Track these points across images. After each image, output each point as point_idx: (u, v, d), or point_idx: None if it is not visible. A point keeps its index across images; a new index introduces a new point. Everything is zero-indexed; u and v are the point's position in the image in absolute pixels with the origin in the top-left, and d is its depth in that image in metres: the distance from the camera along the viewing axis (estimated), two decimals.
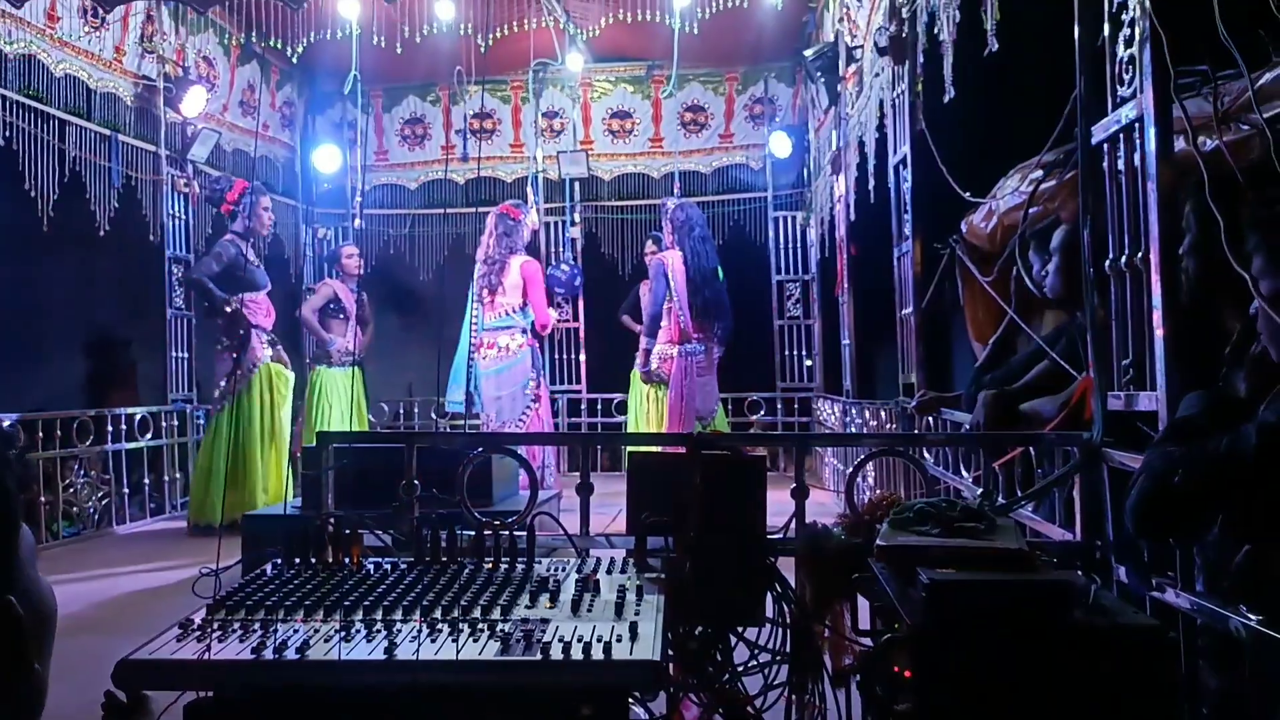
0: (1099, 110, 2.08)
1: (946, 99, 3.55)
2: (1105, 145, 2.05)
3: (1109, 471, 1.94)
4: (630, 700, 1.54)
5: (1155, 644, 1.32)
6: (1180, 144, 1.92)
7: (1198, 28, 1.98)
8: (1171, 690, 1.35)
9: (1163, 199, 1.82)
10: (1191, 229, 1.92)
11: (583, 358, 8.51)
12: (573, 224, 8.50)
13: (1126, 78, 1.94)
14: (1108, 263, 2.01)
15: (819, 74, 6.25)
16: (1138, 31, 1.87)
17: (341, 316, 6.96)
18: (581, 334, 8.53)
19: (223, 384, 5.80)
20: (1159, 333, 1.82)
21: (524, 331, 6.00)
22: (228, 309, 5.68)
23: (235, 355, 5.64)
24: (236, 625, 1.41)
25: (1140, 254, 1.89)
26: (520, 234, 6.11)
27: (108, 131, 6.02)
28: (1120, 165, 1.99)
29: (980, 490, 2.29)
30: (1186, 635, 1.68)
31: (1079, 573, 1.82)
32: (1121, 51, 1.96)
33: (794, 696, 1.92)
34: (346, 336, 6.95)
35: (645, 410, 6.19)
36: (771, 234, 8.44)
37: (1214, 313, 1.92)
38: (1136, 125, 1.90)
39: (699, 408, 5.96)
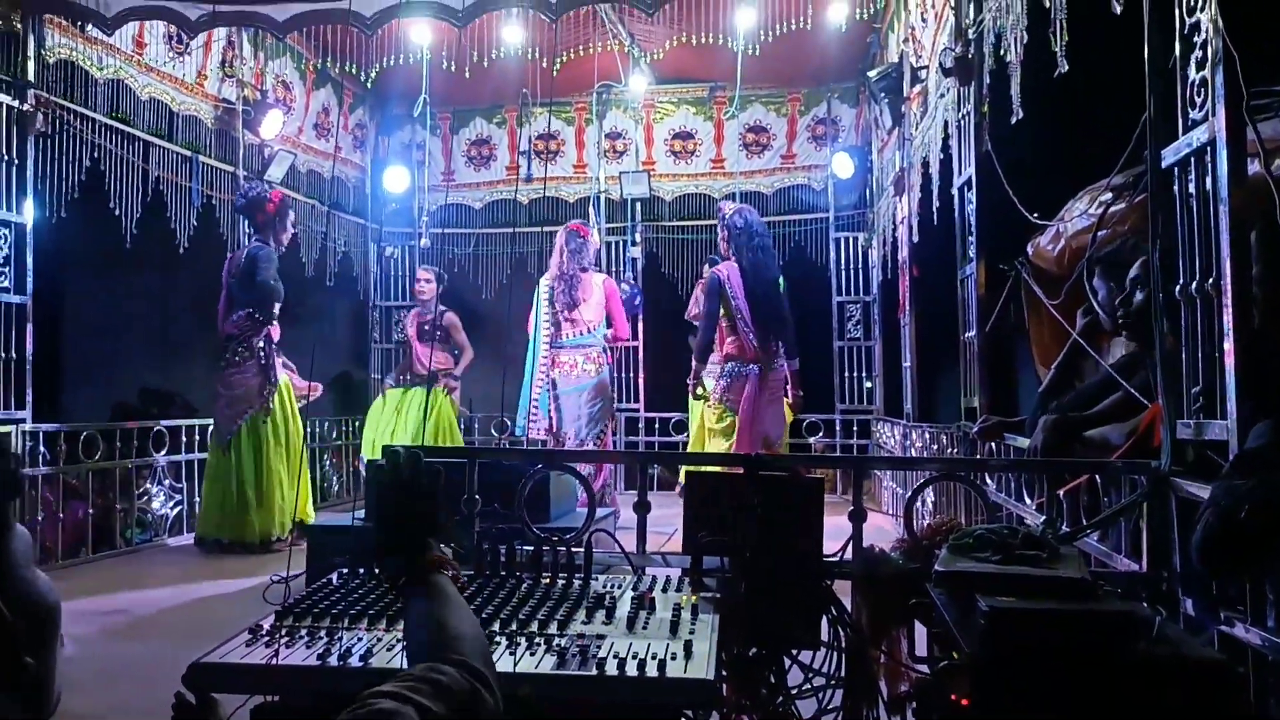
0: (1169, 133, 2.04)
1: (1014, 120, 3.50)
2: (1176, 169, 2.02)
3: (1177, 501, 1.90)
4: (683, 717, 1.55)
5: (1223, 679, 1.28)
6: (1253, 167, 1.88)
7: (1271, 48, 1.95)
8: None
9: (1234, 224, 1.78)
10: (1259, 260, 1.87)
11: (641, 377, 8.54)
12: (634, 244, 8.56)
13: (1198, 100, 1.91)
14: (1178, 288, 1.97)
15: (883, 95, 6.22)
16: (1210, 53, 1.84)
17: (425, 341, 7.14)
18: (641, 353, 8.57)
19: (240, 402, 5.55)
20: (1230, 360, 1.77)
21: (604, 350, 6.03)
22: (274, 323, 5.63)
23: (265, 370, 5.54)
24: (303, 632, 1.46)
25: (1211, 280, 1.85)
26: (589, 251, 6.16)
27: (189, 153, 6.25)
28: (1191, 189, 1.95)
29: (1044, 518, 2.25)
30: (1256, 672, 1.63)
31: (1144, 604, 1.77)
32: (1193, 73, 1.93)
33: None
34: (410, 359, 7.12)
35: (700, 435, 6.05)
36: (833, 255, 8.39)
37: None
38: (1208, 149, 1.86)
39: (766, 432, 5.57)
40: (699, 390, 5.88)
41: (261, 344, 5.58)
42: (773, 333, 5.58)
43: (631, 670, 1.32)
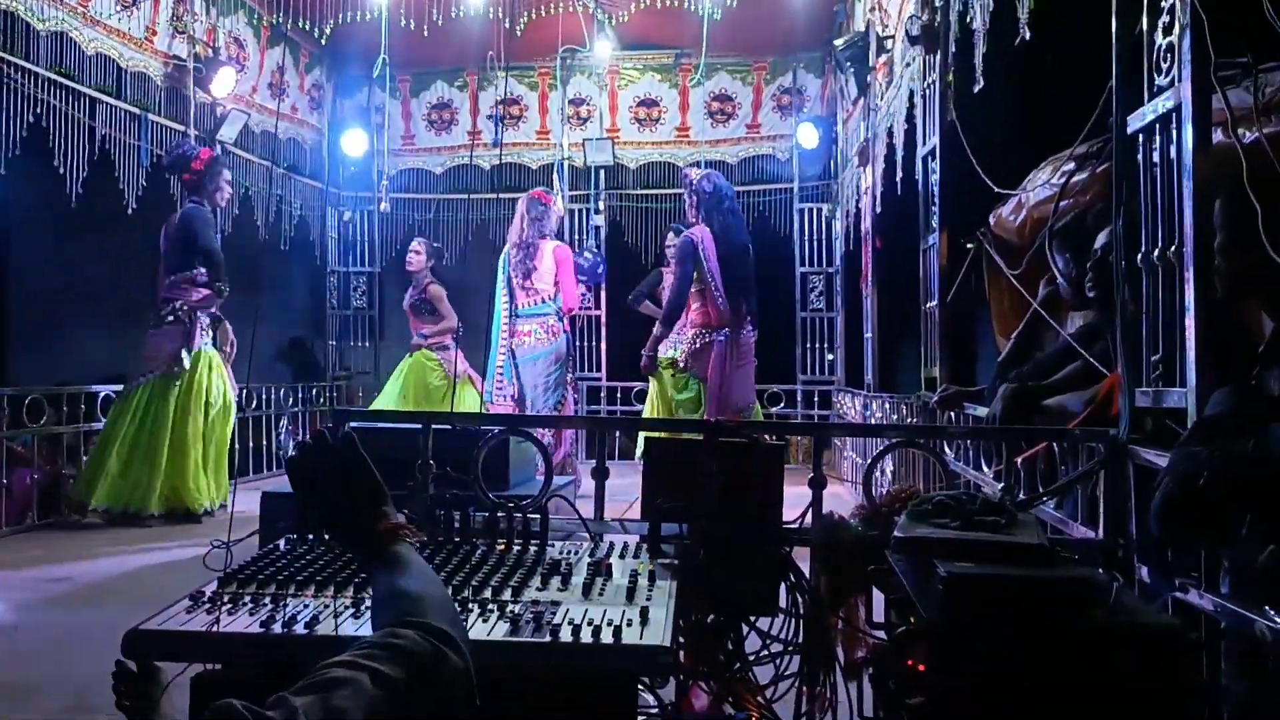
0: (1135, 100, 2.03)
1: (977, 89, 3.49)
2: (1141, 136, 2.01)
3: (1135, 469, 1.91)
4: (639, 687, 1.53)
5: (1177, 645, 1.28)
6: (1217, 136, 1.87)
7: (1237, 19, 1.94)
8: (1192, 693, 1.32)
9: (1199, 192, 1.77)
10: (1223, 228, 1.87)
11: (604, 345, 8.50)
12: (597, 212, 8.49)
13: (1164, 66, 1.90)
14: (1140, 256, 1.97)
15: (849, 64, 6.19)
16: (1178, 19, 1.83)
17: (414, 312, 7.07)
18: (603, 322, 8.52)
19: (150, 362, 5.35)
20: (1190, 328, 1.78)
21: (559, 317, 5.99)
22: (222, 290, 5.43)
23: (187, 335, 5.31)
24: (247, 599, 1.41)
25: (1174, 248, 1.85)
26: (550, 219, 6.08)
27: (138, 110, 6.05)
28: (1155, 157, 1.94)
29: (1001, 485, 2.25)
30: (1209, 637, 1.65)
31: (1100, 571, 1.78)
32: (1160, 39, 1.91)
33: (805, 688, 1.90)
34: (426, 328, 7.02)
35: (658, 404, 5.95)
36: (796, 225, 8.38)
37: (1247, 311, 1.88)
38: (1173, 115, 1.86)
39: (735, 399, 5.45)
40: (656, 360, 5.72)
41: (185, 309, 5.37)
42: (743, 298, 5.45)
43: (586, 636, 1.30)
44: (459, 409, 6.62)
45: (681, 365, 5.55)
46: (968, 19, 3.57)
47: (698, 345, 5.46)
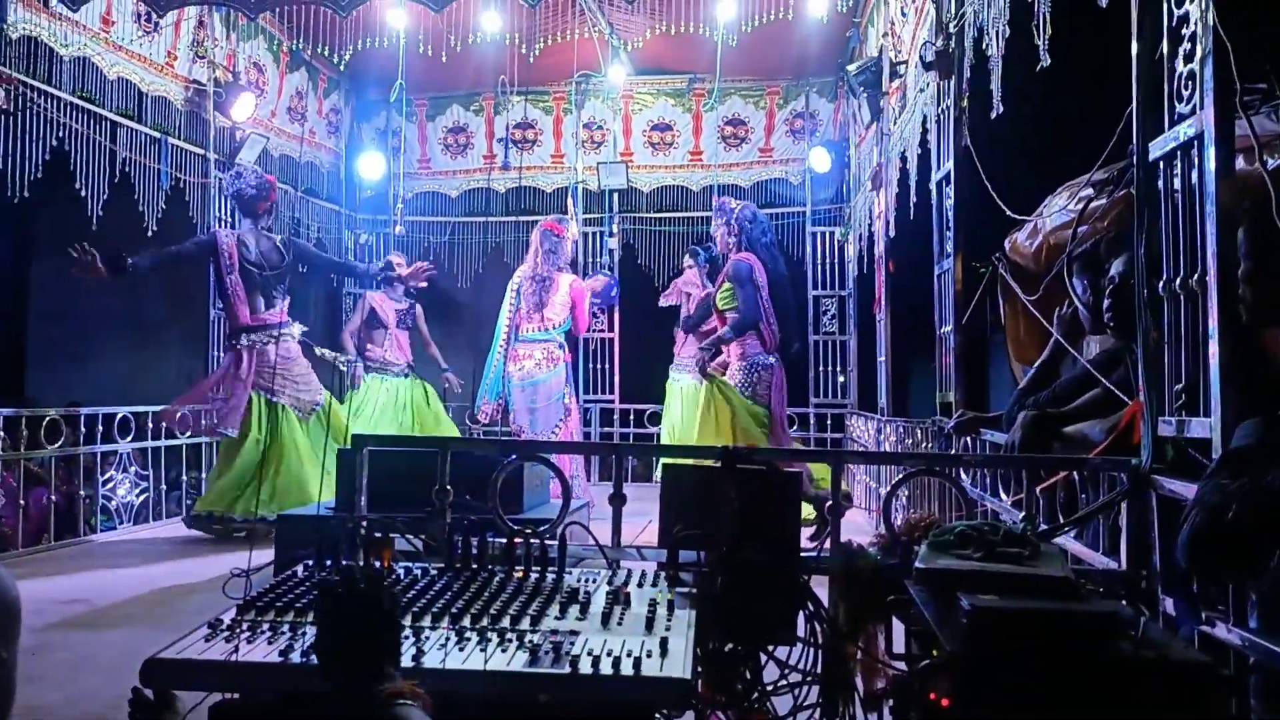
0: (1155, 127, 2.02)
1: (994, 115, 3.49)
2: (1162, 163, 2.00)
3: (1158, 499, 1.88)
4: (657, 716, 1.51)
5: (1206, 680, 1.26)
6: (1239, 163, 1.86)
7: (1257, 45, 1.93)
8: None
9: (1222, 219, 1.76)
10: (1248, 256, 1.86)
11: (616, 368, 8.50)
12: (611, 235, 8.50)
13: (1186, 94, 1.89)
14: (1161, 284, 1.96)
15: (861, 89, 6.20)
16: (1199, 46, 1.82)
17: (381, 328, 6.98)
18: (616, 345, 8.52)
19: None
20: (1214, 357, 1.76)
21: (561, 346, 6.01)
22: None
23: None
24: (265, 627, 1.40)
25: (1197, 276, 1.84)
26: (564, 249, 6.15)
27: (158, 134, 6.12)
28: (1177, 184, 1.93)
29: (1021, 515, 2.23)
30: (1237, 673, 1.62)
31: (1125, 604, 1.76)
32: (1181, 66, 1.91)
33: (824, 719, 1.88)
34: (384, 347, 6.98)
35: (677, 428, 5.90)
36: (809, 249, 8.38)
37: (1273, 339, 1.86)
38: (1196, 142, 1.85)
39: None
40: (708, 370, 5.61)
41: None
42: (781, 326, 5.52)
43: (606, 668, 1.29)
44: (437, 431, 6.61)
45: (749, 393, 5.40)
46: (983, 45, 3.57)
47: (759, 370, 5.39)
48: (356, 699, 1.13)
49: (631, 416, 8.32)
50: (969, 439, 3.61)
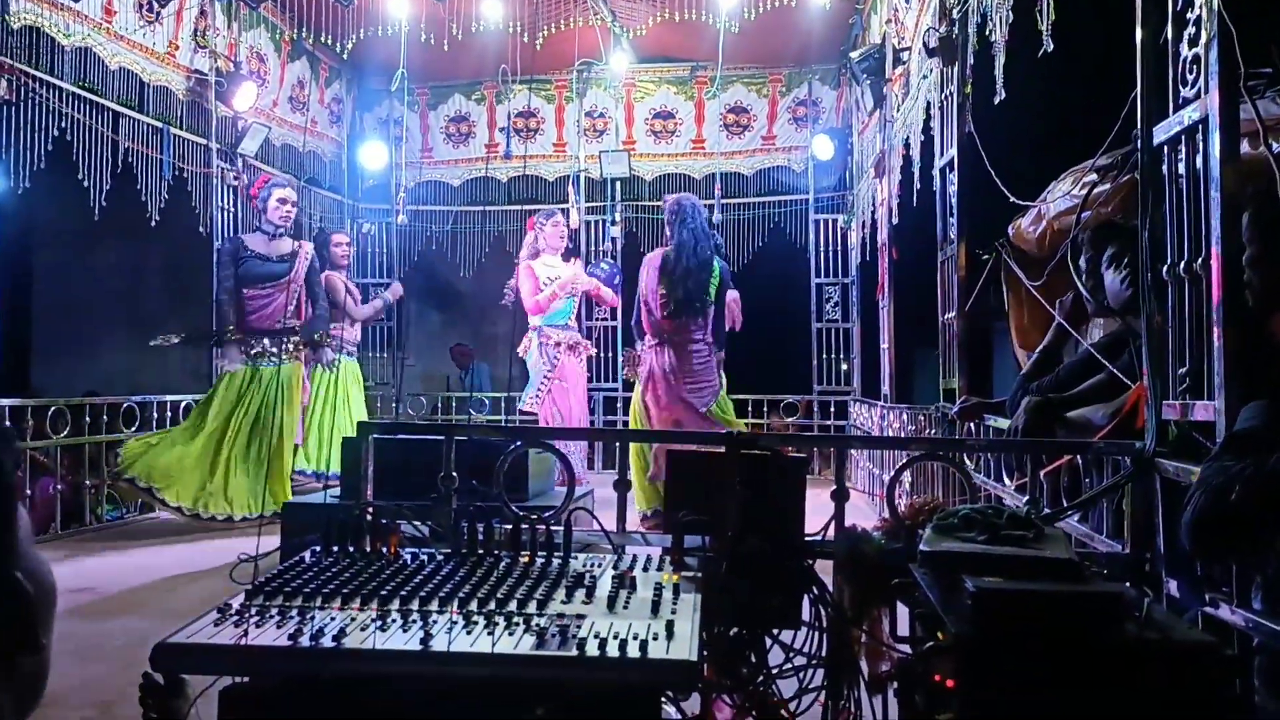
0: (1160, 112, 2.02)
1: (997, 101, 3.48)
2: (1166, 147, 2.00)
3: (1161, 482, 1.89)
4: (662, 700, 1.52)
5: (1212, 661, 1.27)
6: (1244, 147, 1.86)
7: (1262, 29, 1.92)
8: (1229, 711, 1.30)
9: (1226, 203, 1.76)
10: (1253, 241, 1.86)
11: (620, 356, 8.50)
12: (613, 223, 8.50)
13: (1190, 78, 1.89)
14: (1165, 268, 1.96)
15: (864, 76, 6.19)
16: (1204, 30, 1.82)
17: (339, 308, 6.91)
18: (619, 333, 8.53)
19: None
20: (1218, 340, 1.76)
21: (534, 329, 6.07)
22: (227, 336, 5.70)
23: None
24: (274, 611, 1.41)
25: (1201, 259, 1.84)
26: (534, 241, 6.20)
27: (160, 124, 6.12)
28: (1181, 168, 1.93)
29: (1025, 499, 2.24)
30: (1241, 654, 1.62)
31: (1129, 586, 1.77)
32: (1185, 50, 1.90)
33: (829, 701, 1.89)
34: (345, 326, 6.93)
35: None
36: (812, 237, 8.37)
37: (1277, 324, 1.86)
38: (1200, 127, 1.84)
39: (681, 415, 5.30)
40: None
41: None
42: (691, 313, 5.33)
43: (613, 651, 1.29)
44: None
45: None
46: (986, 31, 3.56)
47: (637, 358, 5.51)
48: None
49: None
50: (973, 425, 3.62)
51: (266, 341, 5.69)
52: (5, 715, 0.71)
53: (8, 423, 4.70)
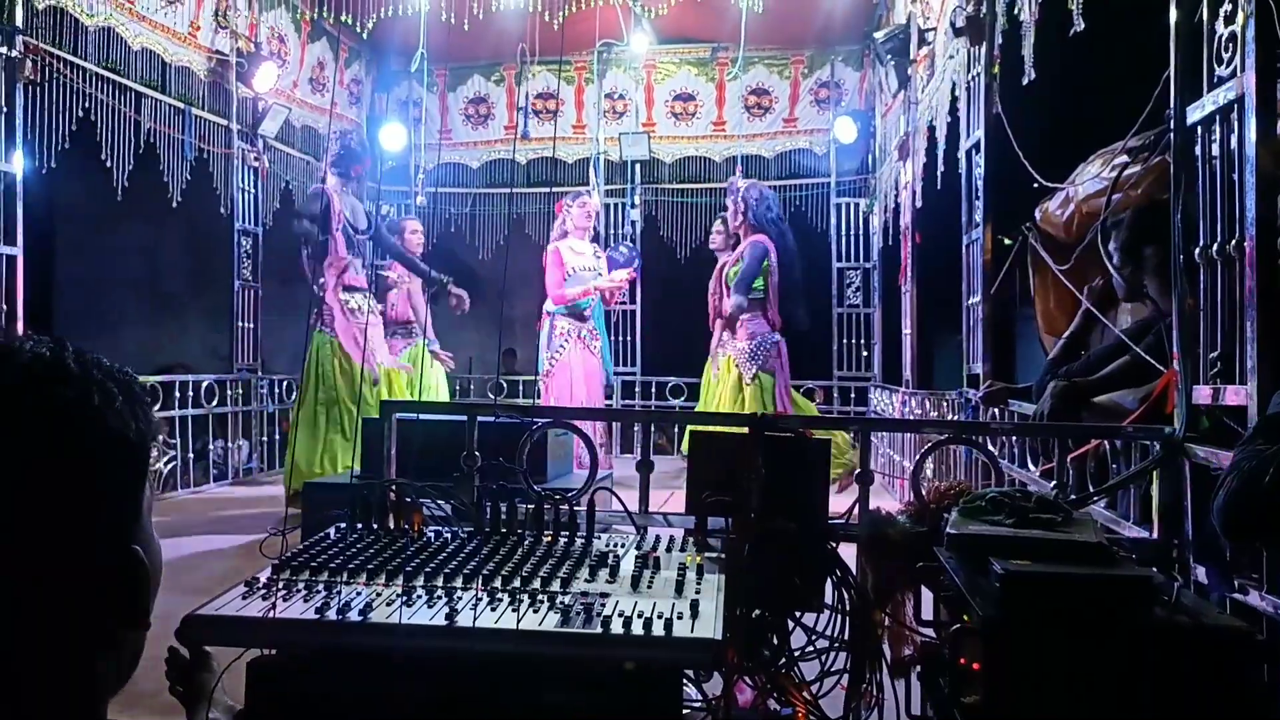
0: (1193, 91, 1.98)
1: (1026, 81, 3.43)
2: (1200, 127, 1.96)
3: (1191, 467, 1.87)
4: (683, 682, 1.52)
5: (1243, 646, 1.25)
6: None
7: None
8: (1261, 695, 1.29)
9: (1261, 184, 1.73)
10: None
11: (639, 340, 8.50)
12: (633, 206, 8.47)
13: (1226, 56, 1.85)
14: (1198, 250, 1.93)
15: (889, 57, 6.12)
16: (1241, 7, 1.78)
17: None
18: (639, 317, 8.52)
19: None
20: (1252, 324, 1.73)
21: (548, 314, 6.08)
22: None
23: None
24: (301, 586, 1.42)
25: (1235, 242, 1.81)
26: (562, 223, 6.22)
27: (182, 105, 6.13)
28: (1215, 149, 1.90)
29: (1051, 484, 2.22)
30: (1270, 640, 1.61)
31: (1157, 571, 1.75)
32: (1222, 29, 1.87)
33: (851, 685, 1.89)
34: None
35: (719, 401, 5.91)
36: (833, 221, 8.31)
37: None
38: (1235, 106, 1.81)
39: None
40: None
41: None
42: (791, 301, 5.82)
43: (637, 629, 1.29)
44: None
45: (760, 364, 5.75)
46: (1015, 9, 3.51)
47: (768, 346, 5.78)
48: None
49: (654, 389, 8.32)
50: (997, 410, 3.59)
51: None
52: (110, 685, 0.73)
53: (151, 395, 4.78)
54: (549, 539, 1.74)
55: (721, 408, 5.77)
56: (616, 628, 1.30)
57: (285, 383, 7.12)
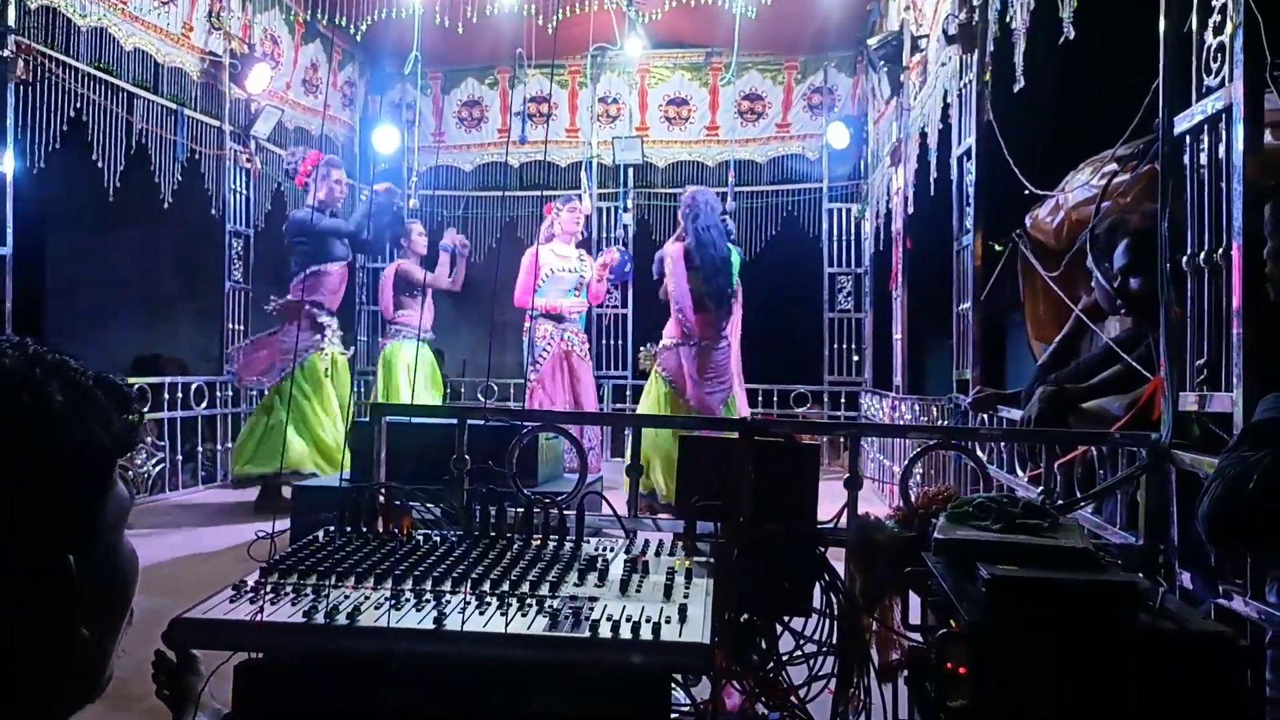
0: (1182, 101, 2.00)
1: (1017, 89, 3.45)
2: (1188, 136, 1.98)
3: (1177, 474, 1.88)
4: (671, 685, 1.52)
5: (1227, 652, 1.26)
6: (1266, 138, 1.84)
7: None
8: (1243, 701, 1.29)
9: (1248, 194, 1.74)
10: (1275, 234, 1.84)
11: (630, 344, 8.50)
12: (625, 210, 8.48)
13: (1214, 66, 1.87)
14: (1185, 258, 1.94)
15: (882, 63, 6.14)
16: (1230, 18, 1.80)
17: (414, 294, 6.88)
18: (630, 320, 8.52)
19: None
20: (1238, 332, 1.75)
21: (530, 317, 6.10)
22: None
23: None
24: (289, 589, 1.41)
25: (1221, 250, 1.82)
26: (549, 225, 6.23)
27: (174, 105, 6.12)
28: (1203, 158, 1.91)
29: (1038, 490, 2.23)
30: (1253, 646, 1.62)
31: (1142, 576, 1.76)
32: (1210, 39, 1.88)
33: (839, 689, 1.89)
34: (417, 311, 6.87)
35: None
36: (825, 226, 8.34)
37: None
38: (1224, 115, 1.82)
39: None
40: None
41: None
42: (719, 311, 5.44)
43: (626, 633, 1.29)
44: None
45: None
46: (1007, 18, 3.53)
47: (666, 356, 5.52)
48: None
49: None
50: (986, 416, 3.60)
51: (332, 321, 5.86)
52: (68, 699, 0.69)
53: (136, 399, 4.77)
54: (538, 543, 1.74)
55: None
56: (605, 631, 1.30)
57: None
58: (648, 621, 1.32)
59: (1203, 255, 1.89)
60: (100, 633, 0.70)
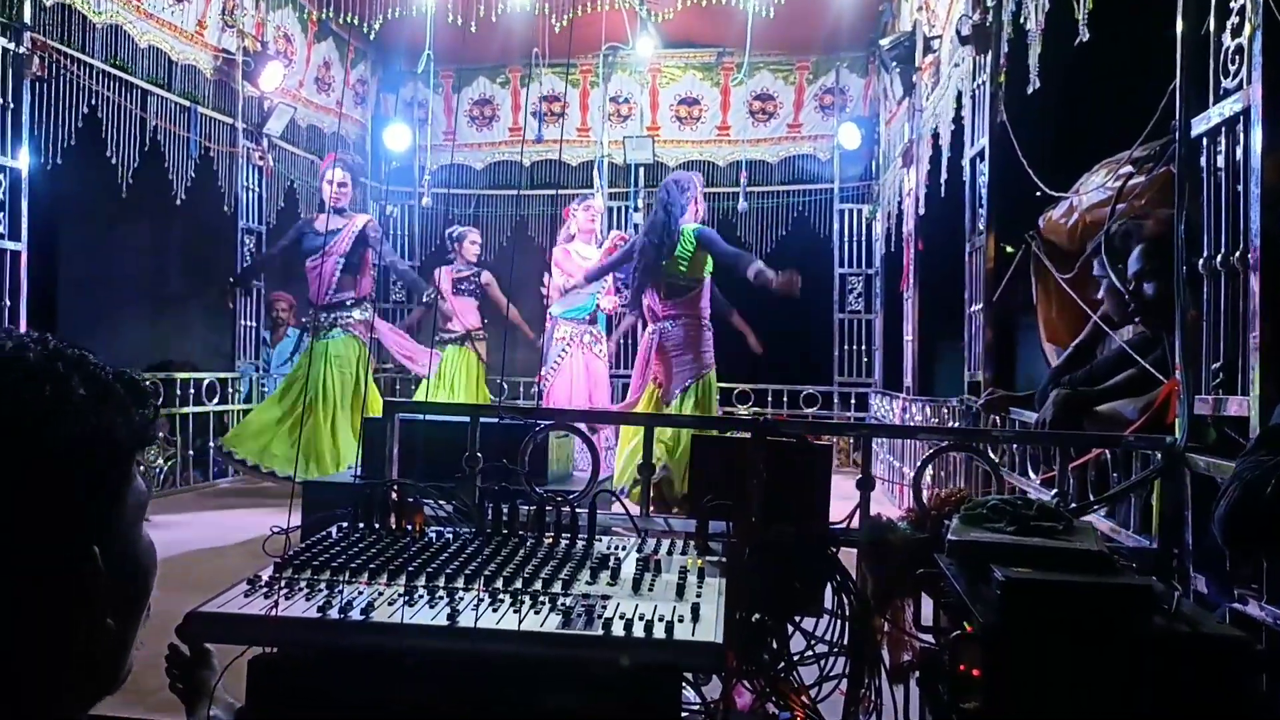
0: (1199, 103, 1.99)
1: (1031, 90, 3.44)
2: (1205, 139, 1.97)
3: (1192, 477, 1.87)
4: (682, 684, 1.52)
5: (1242, 656, 1.26)
6: None
7: None
8: (1258, 705, 1.29)
9: (1267, 196, 1.73)
10: None
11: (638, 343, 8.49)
12: (636, 209, 8.48)
13: (1232, 68, 1.86)
14: (1201, 261, 1.93)
15: (894, 64, 6.13)
16: (1248, 19, 1.79)
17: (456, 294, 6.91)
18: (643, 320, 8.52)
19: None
20: (1255, 335, 1.74)
21: (550, 316, 6.15)
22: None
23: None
24: (303, 584, 1.42)
25: (1239, 253, 1.81)
26: (568, 227, 6.28)
27: (187, 103, 6.15)
28: (1220, 161, 1.90)
29: (1051, 493, 2.22)
30: (1269, 650, 1.61)
31: (1157, 580, 1.75)
32: (1228, 41, 1.87)
33: (850, 690, 1.89)
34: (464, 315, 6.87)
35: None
36: (836, 226, 8.32)
37: None
38: (1241, 118, 1.81)
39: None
40: None
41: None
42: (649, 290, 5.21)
43: (639, 631, 1.29)
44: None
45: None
46: (1021, 19, 3.52)
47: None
48: None
49: None
50: (997, 418, 3.59)
51: (323, 316, 5.91)
52: (86, 693, 0.70)
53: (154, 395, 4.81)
54: (550, 541, 1.74)
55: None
56: (617, 630, 1.30)
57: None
58: (660, 620, 1.32)
59: (1219, 258, 1.88)
60: (122, 624, 0.71)
